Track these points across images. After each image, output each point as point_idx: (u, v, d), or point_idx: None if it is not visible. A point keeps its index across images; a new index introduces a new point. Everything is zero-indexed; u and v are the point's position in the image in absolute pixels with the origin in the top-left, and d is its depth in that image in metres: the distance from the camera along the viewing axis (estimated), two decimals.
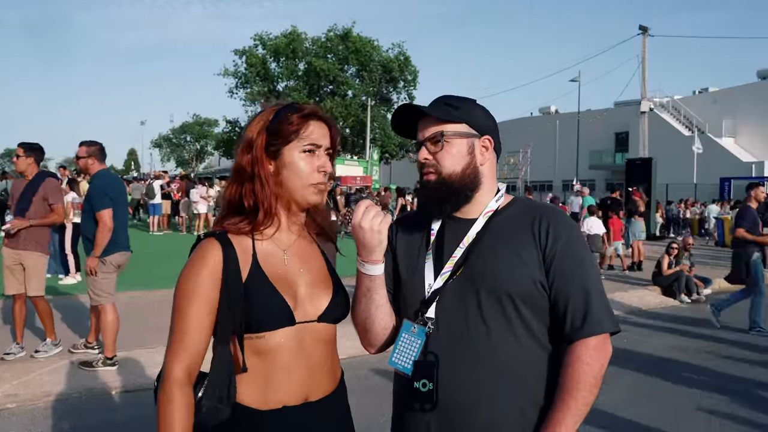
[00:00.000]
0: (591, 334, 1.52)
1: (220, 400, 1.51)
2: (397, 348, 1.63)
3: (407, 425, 1.65)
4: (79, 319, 7.10)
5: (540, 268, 1.56)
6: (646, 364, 6.29)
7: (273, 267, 1.59)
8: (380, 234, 1.57)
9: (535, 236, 1.58)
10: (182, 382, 1.49)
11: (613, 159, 43.17)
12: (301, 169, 1.59)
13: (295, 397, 1.56)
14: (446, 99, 1.67)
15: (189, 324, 1.52)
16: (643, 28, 26.26)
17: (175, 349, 1.52)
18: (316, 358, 1.60)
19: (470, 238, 1.61)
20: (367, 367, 5.80)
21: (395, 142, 40.90)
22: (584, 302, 1.54)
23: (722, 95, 40.85)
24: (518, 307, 1.55)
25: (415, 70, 40.30)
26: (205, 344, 1.54)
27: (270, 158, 1.60)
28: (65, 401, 4.90)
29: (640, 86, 26.62)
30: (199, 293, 1.52)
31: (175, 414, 1.47)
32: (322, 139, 1.62)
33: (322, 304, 1.62)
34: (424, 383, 1.56)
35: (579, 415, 1.51)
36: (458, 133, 1.62)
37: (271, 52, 40.26)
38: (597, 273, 1.62)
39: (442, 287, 1.60)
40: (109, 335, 5.47)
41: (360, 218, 1.57)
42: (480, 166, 1.64)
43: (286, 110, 1.61)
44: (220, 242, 1.56)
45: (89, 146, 5.54)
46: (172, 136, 76.69)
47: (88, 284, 5.48)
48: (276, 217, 1.61)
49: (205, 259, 1.55)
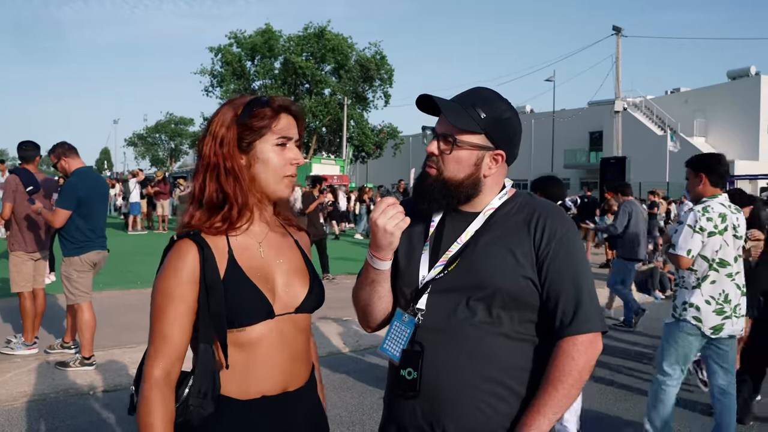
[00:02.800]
0: (580, 331, 1.56)
1: (204, 397, 1.51)
2: (389, 336, 1.68)
3: (397, 411, 1.69)
4: (55, 319, 7.00)
5: (533, 267, 1.58)
6: (621, 360, 6.38)
7: (249, 261, 1.59)
8: (392, 236, 1.58)
9: (530, 234, 1.60)
10: (161, 384, 1.49)
11: (588, 158, 43.57)
12: (274, 163, 1.59)
13: (274, 387, 1.59)
14: (478, 98, 1.62)
15: (168, 325, 1.51)
16: (617, 29, 26.55)
17: (155, 350, 1.51)
18: (296, 348, 1.64)
19: (469, 234, 1.63)
20: (347, 365, 5.82)
21: (372, 141, 40.89)
22: (575, 300, 1.57)
23: (693, 95, 41.45)
24: (507, 304, 1.57)
25: (390, 69, 40.31)
26: (184, 345, 1.53)
27: (242, 152, 1.59)
28: (42, 401, 4.84)
29: (614, 86, 26.92)
30: (176, 294, 1.51)
31: (154, 417, 1.47)
32: (292, 131, 1.63)
33: (300, 295, 1.64)
34: (410, 371, 1.60)
35: (560, 406, 1.55)
36: (471, 143, 1.60)
37: (247, 49, 39.98)
38: (589, 272, 1.64)
39: (434, 280, 1.63)
40: (86, 334, 5.42)
41: (378, 215, 1.58)
42: (483, 178, 1.64)
43: (257, 104, 1.59)
44: (195, 242, 1.54)
45: (54, 150, 5.51)
46: (146, 134, 75.85)
47: (64, 283, 5.42)
48: (250, 212, 1.61)
49: (181, 260, 1.53)
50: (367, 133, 40.64)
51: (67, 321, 5.96)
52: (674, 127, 38.77)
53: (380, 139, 41.54)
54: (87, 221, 5.37)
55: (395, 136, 42.08)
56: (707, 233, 3.78)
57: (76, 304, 5.41)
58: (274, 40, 39.89)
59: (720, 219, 3.81)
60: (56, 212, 5.27)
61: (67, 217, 5.27)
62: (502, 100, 1.65)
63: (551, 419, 1.54)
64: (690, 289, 3.87)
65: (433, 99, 1.61)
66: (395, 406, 1.70)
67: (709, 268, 3.83)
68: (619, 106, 26.61)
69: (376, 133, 41.53)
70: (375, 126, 42.38)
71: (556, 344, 1.58)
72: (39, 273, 6.00)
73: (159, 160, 75.09)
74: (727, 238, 3.84)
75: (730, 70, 41.25)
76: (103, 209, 5.76)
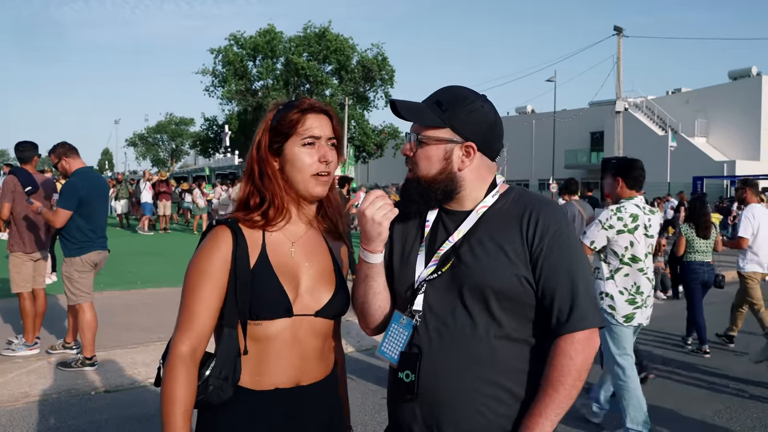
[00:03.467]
0: (576, 329, 1.54)
1: (225, 379, 1.58)
2: (387, 338, 1.67)
3: (398, 412, 1.69)
4: (57, 320, 7.01)
5: (526, 264, 1.56)
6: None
7: (279, 258, 1.64)
8: (380, 226, 1.58)
9: (522, 231, 1.58)
10: (187, 359, 1.55)
11: (589, 158, 43.57)
12: (301, 162, 1.65)
13: (286, 381, 1.63)
14: (441, 95, 1.63)
15: (198, 305, 1.58)
16: (618, 29, 26.55)
17: (183, 327, 1.58)
18: (310, 349, 1.66)
19: (461, 232, 1.62)
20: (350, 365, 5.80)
21: (373, 141, 40.90)
22: (570, 297, 1.55)
23: (695, 96, 41.44)
24: (501, 303, 1.56)
25: (391, 69, 40.32)
26: (211, 325, 1.60)
27: (274, 156, 1.67)
28: (44, 402, 4.84)
29: (615, 86, 26.91)
30: (209, 276, 1.58)
31: (177, 390, 1.53)
32: (322, 130, 1.67)
33: (322, 300, 1.67)
34: (407, 374, 1.60)
35: (561, 408, 1.53)
36: (435, 138, 1.61)
37: (248, 49, 40.01)
38: (585, 267, 1.61)
39: (428, 281, 1.62)
40: (88, 335, 5.42)
41: (366, 206, 1.58)
42: (458, 172, 1.62)
43: (285, 108, 1.67)
44: (231, 229, 1.62)
45: (54, 150, 5.52)
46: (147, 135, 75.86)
47: (65, 284, 5.42)
48: (287, 211, 1.67)
49: (217, 244, 1.60)
50: (368, 133, 40.65)
51: (69, 321, 5.96)
52: (675, 127, 38.77)
53: (381, 139, 41.54)
54: (88, 221, 5.37)
55: (396, 136, 42.08)
56: (616, 231, 4.18)
57: (78, 304, 5.42)
58: (276, 40, 39.93)
59: (631, 219, 4.19)
60: (57, 212, 5.27)
61: (67, 217, 5.27)
62: (471, 93, 1.64)
63: (553, 421, 1.53)
64: (604, 280, 4.27)
65: (395, 108, 1.63)
66: (395, 408, 1.70)
67: (620, 262, 4.23)
68: (620, 107, 26.59)
69: (377, 134, 41.54)
70: (376, 126, 42.40)
71: (553, 343, 1.57)
72: (39, 273, 6.00)
73: (160, 160, 75.12)
74: (638, 236, 4.21)
75: (732, 71, 41.23)
76: (104, 209, 5.76)
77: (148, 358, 5.78)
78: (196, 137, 49.22)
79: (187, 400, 1.53)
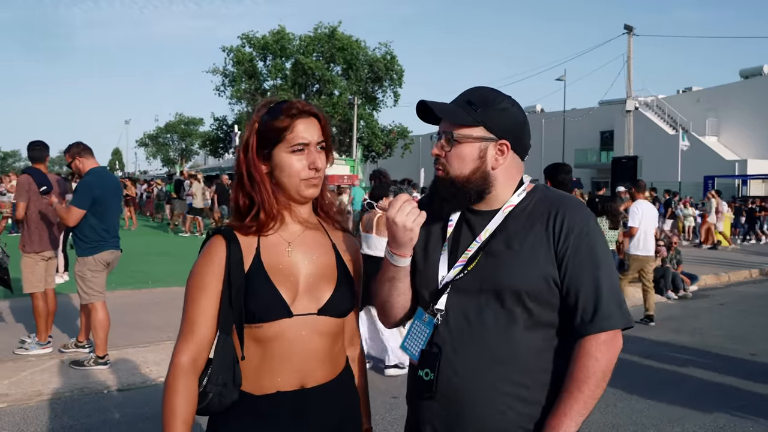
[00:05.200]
0: (601, 329, 1.53)
1: (224, 386, 1.58)
2: (409, 334, 1.67)
3: (417, 409, 1.69)
4: (69, 319, 7.06)
5: (552, 264, 1.55)
6: (637, 360, 6.34)
7: (275, 260, 1.63)
8: (412, 232, 1.58)
9: (548, 230, 1.57)
10: (187, 369, 1.57)
11: (599, 157, 43.39)
12: (290, 169, 1.63)
13: (289, 383, 1.62)
14: (472, 94, 1.63)
15: (197, 315, 1.60)
16: (629, 28, 26.40)
17: (183, 338, 1.61)
18: (314, 349, 1.64)
19: (488, 232, 1.61)
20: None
21: (382, 141, 40.86)
22: (595, 297, 1.53)
23: (706, 94, 41.18)
24: (526, 304, 1.55)
25: (400, 69, 40.28)
26: (211, 334, 1.62)
27: (263, 160, 1.65)
28: (57, 400, 4.87)
29: (625, 85, 26.77)
30: (205, 286, 1.61)
31: (177, 401, 1.55)
32: (311, 135, 1.65)
33: (324, 298, 1.66)
34: (427, 372, 1.59)
35: (586, 408, 1.52)
36: (470, 136, 1.60)
37: (259, 49, 40.08)
38: (610, 267, 1.59)
39: (453, 281, 1.61)
40: (100, 334, 5.46)
41: (395, 213, 1.57)
42: (491, 170, 1.61)
43: (273, 113, 1.64)
44: (225, 237, 1.63)
45: (69, 150, 5.58)
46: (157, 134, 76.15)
47: (78, 283, 5.45)
48: (279, 215, 1.66)
49: (212, 254, 1.63)
50: (377, 132, 40.61)
51: (81, 320, 6.01)
52: (686, 126, 38.52)
53: (390, 139, 41.50)
54: (101, 221, 5.41)
55: (405, 135, 42.02)
56: None
57: (90, 303, 5.45)
58: (287, 40, 39.98)
59: None
60: (70, 210, 5.31)
61: (80, 216, 5.30)
62: (499, 93, 1.64)
63: (578, 421, 1.52)
64: None
65: (426, 104, 1.62)
66: (414, 406, 1.70)
67: None
68: (630, 106, 26.45)
69: (386, 133, 41.50)
70: (385, 126, 42.36)
71: (577, 343, 1.55)
72: (49, 273, 6.04)
73: (170, 160, 75.41)
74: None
75: (743, 69, 40.97)
76: (117, 209, 5.80)
77: (159, 356, 5.81)
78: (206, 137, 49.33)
79: (186, 411, 1.55)
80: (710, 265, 13.79)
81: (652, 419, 4.77)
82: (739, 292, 11.24)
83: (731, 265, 13.86)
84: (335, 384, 1.70)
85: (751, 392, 5.45)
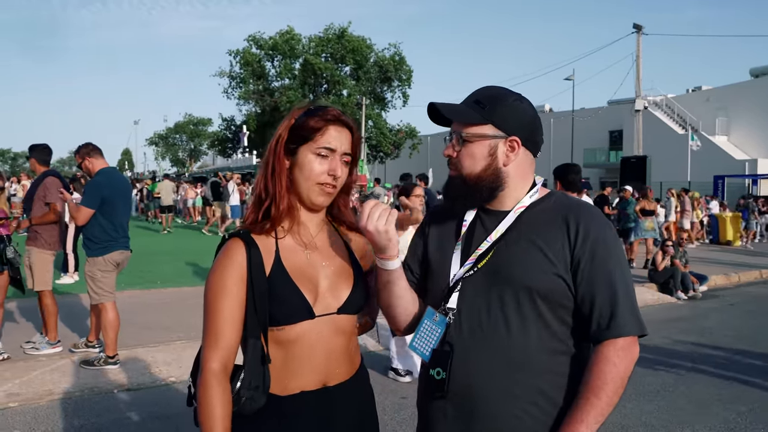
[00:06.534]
0: (619, 335, 1.51)
1: (256, 389, 1.60)
2: (419, 333, 1.67)
3: (428, 409, 1.69)
4: (79, 318, 7.10)
5: (566, 267, 1.55)
6: (646, 361, 6.33)
7: (294, 262, 1.65)
8: (387, 233, 1.56)
9: (565, 234, 1.56)
10: (220, 376, 1.57)
11: (608, 157, 43.22)
12: (309, 170, 1.65)
13: (313, 383, 1.64)
14: (480, 94, 1.64)
15: (220, 320, 1.60)
16: (638, 27, 26.30)
17: (210, 344, 1.60)
18: (335, 347, 1.67)
19: (499, 232, 1.61)
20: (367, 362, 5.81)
21: (390, 141, 40.87)
22: (611, 303, 1.52)
23: (715, 93, 40.92)
24: (537, 304, 1.54)
25: (409, 69, 40.27)
26: (237, 338, 1.61)
27: (288, 155, 1.68)
28: (67, 400, 4.90)
29: (634, 85, 26.68)
30: (227, 291, 1.60)
31: (216, 407, 1.55)
32: (339, 143, 1.67)
33: (343, 297, 1.68)
34: (438, 371, 1.59)
35: (602, 415, 1.51)
36: (479, 135, 1.61)
37: (267, 49, 40.19)
38: (626, 274, 1.58)
39: (464, 278, 1.61)
40: (110, 334, 5.49)
41: (365, 221, 1.56)
42: (503, 167, 1.62)
43: (310, 113, 1.67)
44: (244, 241, 1.64)
45: (79, 151, 5.63)
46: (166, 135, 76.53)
47: (88, 283, 5.49)
48: (293, 211, 1.68)
49: (231, 258, 1.62)
50: (385, 133, 40.62)
51: (91, 320, 6.04)
52: (696, 125, 38.30)
53: (398, 139, 41.51)
54: (110, 221, 5.44)
55: (414, 135, 42.02)
56: None
57: (101, 303, 5.48)
58: (295, 41, 40.07)
59: None
60: (80, 210, 5.35)
61: (89, 215, 5.34)
62: (508, 91, 1.65)
63: (593, 428, 1.50)
64: None
65: (435, 106, 1.64)
66: (425, 405, 1.70)
67: None
68: (639, 105, 26.36)
69: (395, 133, 41.50)
70: (393, 126, 42.36)
71: (595, 349, 1.54)
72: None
73: (179, 160, 75.77)
74: None
75: (753, 68, 40.75)
76: (127, 209, 5.82)
77: (169, 356, 5.84)
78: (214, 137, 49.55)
79: (225, 416, 1.56)
80: (720, 265, 13.72)
81: (662, 420, 4.75)
82: (750, 293, 11.16)
83: (742, 266, 13.78)
84: (354, 382, 1.73)
85: (762, 393, 5.42)
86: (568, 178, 5.17)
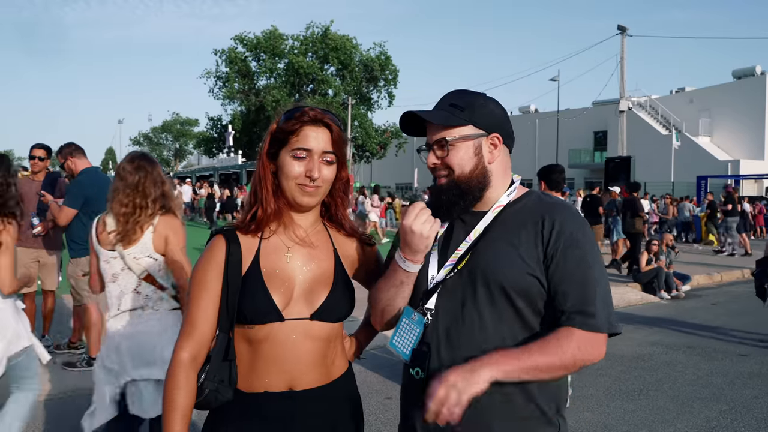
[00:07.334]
0: (581, 326, 1.52)
1: (221, 383, 1.63)
2: (398, 332, 1.68)
3: (410, 408, 1.70)
4: (62, 320, 7.02)
5: (539, 264, 1.56)
6: (629, 360, 6.38)
7: (273, 264, 1.67)
8: (428, 239, 1.58)
9: (539, 232, 1.58)
10: (187, 366, 1.62)
11: (592, 158, 43.53)
12: (288, 172, 1.66)
13: (277, 384, 1.65)
14: (452, 98, 1.67)
15: (197, 313, 1.65)
16: (622, 28, 26.51)
17: (184, 334, 1.65)
18: (306, 353, 1.66)
19: (477, 232, 1.63)
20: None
21: (376, 141, 40.89)
22: (582, 298, 1.54)
23: (699, 95, 41.35)
24: (513, 300, 1.56)
25: (395, 69, 40.32)
26: (211, 332, 1.66)
27: (271, 160, 1.70)
28: (48, 402, 4.85)
29: (618, 86, 26.88)
30: (205, 285, 1.66)
31: (177, 395, 1.59)
32: (316, 143, 1.66)
33: (317, 303, 1.68)
34: (417, 371, 1.62)
35: (528, 374, 1.49)
36: (463, 136, 1.63)
37: (251, 48, 40.07)
38: (602, 273, 1.59)
39: (443, 280, 1.63)
40: (93, 334, 5.43)
41: (411, 221, 1.57)
42: (489, 165, 1.65)
43: (288, 114, 1.69)
44: (226, 238, 1.68)
45: (61, 151, 5.57)
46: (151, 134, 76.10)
47: (71, 284, 5.43)
48: (278, 214, 1.70)
49: (212, 254, 1.68)
50: (371, 133, 40.63)
51: (74, 322, 5.98)
52: (679, 126, 38.68)
53: (384, 139, 41.53)
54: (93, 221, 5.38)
55: (400, 135, 42.09)
56: None
57: (83, 304, 5.43)
58: (279, 40, 39.97)
59: None
60: (62, 210, 5.30)
61: (71, 216, 5.29)
62: (476, 92, 1.70)
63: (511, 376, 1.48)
64: None
65: (414, 113, 1.66)
66: (407, 404, 1.71)
67: None
68: (623, 106, 26.55)
69: (380, 133, 41.53)
70: (379, 126, 42.39)
71: (565, 328, 1.53)
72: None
73: (164, 160, 75.36)
74: None
75: (736, 70, 41.16)
76: None
77: None
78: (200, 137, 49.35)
79: (185, 405, 1.59)
80: (703, 266, 13.87)
81: (644, 419, 4.79)
82: (732, 292, 11.29)
83: (724, 266, 13.93)
84: (328, 389, 1.71)
85: (744, 392, 5.48)
86: (551, 178, 5.36)
